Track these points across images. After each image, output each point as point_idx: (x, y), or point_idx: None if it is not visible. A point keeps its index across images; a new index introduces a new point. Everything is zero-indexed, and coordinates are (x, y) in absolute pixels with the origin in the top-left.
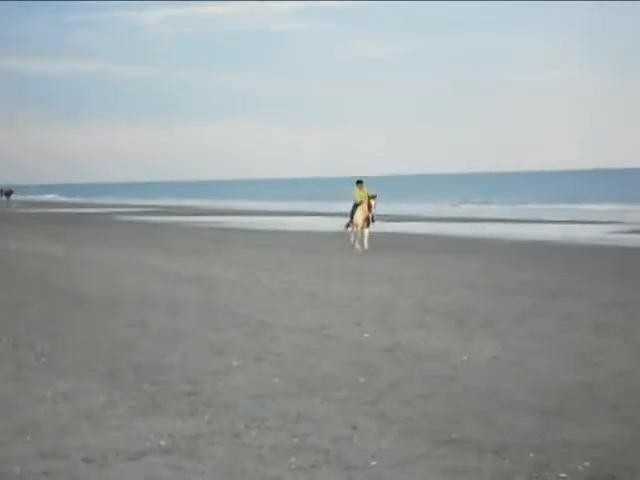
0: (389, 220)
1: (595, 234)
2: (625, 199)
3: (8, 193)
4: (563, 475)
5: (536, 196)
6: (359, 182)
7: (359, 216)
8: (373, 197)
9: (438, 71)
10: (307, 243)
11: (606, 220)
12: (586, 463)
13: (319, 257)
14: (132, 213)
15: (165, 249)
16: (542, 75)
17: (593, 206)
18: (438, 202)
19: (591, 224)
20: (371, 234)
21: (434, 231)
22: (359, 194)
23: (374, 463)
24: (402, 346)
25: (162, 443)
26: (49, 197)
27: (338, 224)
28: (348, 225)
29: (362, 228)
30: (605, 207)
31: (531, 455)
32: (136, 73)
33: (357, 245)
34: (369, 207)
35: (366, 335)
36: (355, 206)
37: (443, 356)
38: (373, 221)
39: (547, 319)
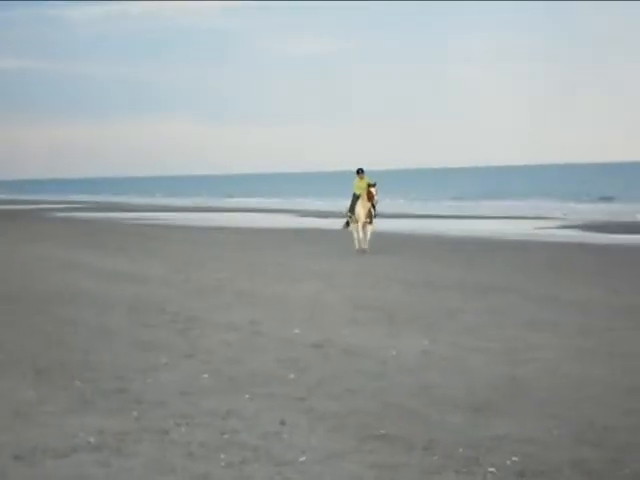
0: (318, 216)
1: (525, 230)
2: (560, 195)
3: None
4: (492, 470)
5: (467, 192)
6: (359, 171)
7: (360, 210)
8: (373, 185)
9: (380, 67)
10: (240, 240)
11: (537, 216)
12: (515, 458)
13: (252, 254)
14: (62, 209)
15: (95, 245)
16: (489, 71)
17: (524, 202)
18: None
19: (522, 219)
20: (373, 233)
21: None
22: (359, 185)
23: (303, 459)
24: (332, 342)
25: (91, 440)
26: None
27: (274, 220)
28: (348, 223)
29: (364, 224)
30: (538, 203)
31: (460, 450)
32: (61, 70)
33: (357, 245)
34: (369, 197)
35: (296, 331)
36: (355, 198)
37: (373, 352)
38: (375, 215)
39: (477, 315)
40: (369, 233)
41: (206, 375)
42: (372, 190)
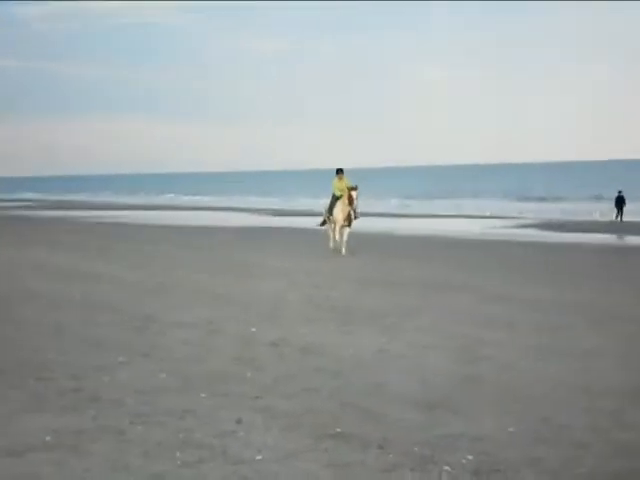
0: (279, 214)
1: (482, 229)
2: (519, 194)
3: None
4: (447, 468)
5: (425, 191)
6: (339, 171)
7: (338, 212)
8: (354, 189)
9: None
10: (197, 238)
11: (493, 215)
12: (470, 456)
13: (208, 252)
14: (11, 208)
15: (48, 244)
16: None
17: (481, 201)
18: (322, 196)
19: (479, 219)
20: (350, 235)
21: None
22: (338, 186)
23: (259, 457)
24: (289, 341)
25: (47, 439)
26: None
27: (231, 218)
28: (324, 222)
29: (342, 227)
30: (496, 202)
31: (415, 449)
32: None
33: (332, 244)
34: (350, 201)
35: (253, 330)
36: (335, 199)
37: (329, 350)
38: (356, 217)
39: (434, 313)
40: (345, 235)
41: (163, 374)
42: (353, 194)
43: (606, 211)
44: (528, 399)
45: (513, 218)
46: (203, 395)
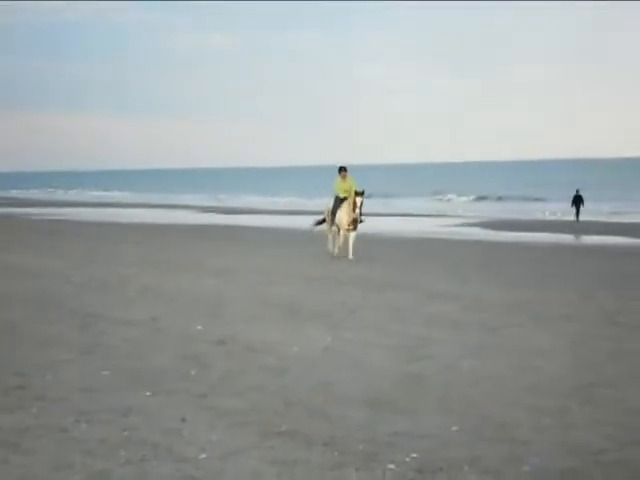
0: (220, 212)
1: (426, 227)
2: (466, 192)
3: None
4: (391, 466)
5: (372, 190)
6: (342, 169)
7: (343, 215)
8: (360, 194)
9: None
10: (143, 235)
11: (439, 213)
12: (414, 455)
13: (155, 249)
14: None
15: None
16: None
17: (428, 200)
18: (266, 195)
19: (424, 217)
20: (357, 240)
21: (263, 224)
22: (342, 186)
23: (203, 455)
24: (235, 338)
25: None
26: None
27: (176, 216)
28: (321, 222)
29: (347, 231)
30: (442, 201)
31: (360, 447)
32: None
33: (337, 250)
34: (354, 207)
35: (199, 327)
36: (338, 201)
37: (275, 348)
38: (361, 221)
39: (378, 311)
40: (352, 239)
41: (107, 372)
42: (358, 201)
43: (557, 210)
44: (471, 397)
45: (457, 217)
46: (148, 393)
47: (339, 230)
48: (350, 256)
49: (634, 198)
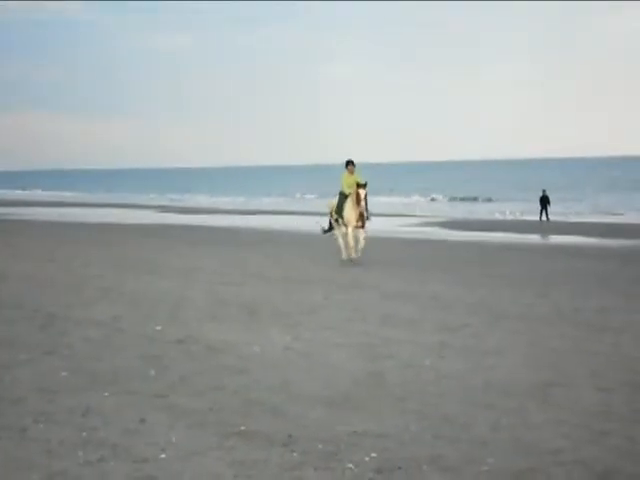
0: (178, 212)
1: (386, 227)
2: (428, 192)
3: None
4: (350, 466)
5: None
6: (349, 163)
7: (350, 211)
8: (362, 186)
9: (229, 63)
10: (102, 235)
11: (399, 213)
12: (373, 454)
13: (114, 250)
14: None
15: None
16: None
17: (389, 199)
18: (219, 195)
19: (384, 217)
20: (366, 238)
21: (224, 224)
22: (348, 181)
23: (163, 456)
24: (194, 338)
25: None
26: None
27: (136, 216)
28: (331, 227)
29: (356, 227)
30: (402, 200)
31: (319, 446)
32: None
33: (352, 253)
34: (358, 199)
35: (158, 328)
36: (343, 197)
37: (235, 348)
38: (368, 218)
39: (338, 311)
40: (362, 239)
41: (66, 372)
42: (361, 192)
43: (517, 210)
44: (430, 397)
45: (418, 216)
46: (106, 393)
47: (347, 228)
48: (356, 254)
49: (593, 198)
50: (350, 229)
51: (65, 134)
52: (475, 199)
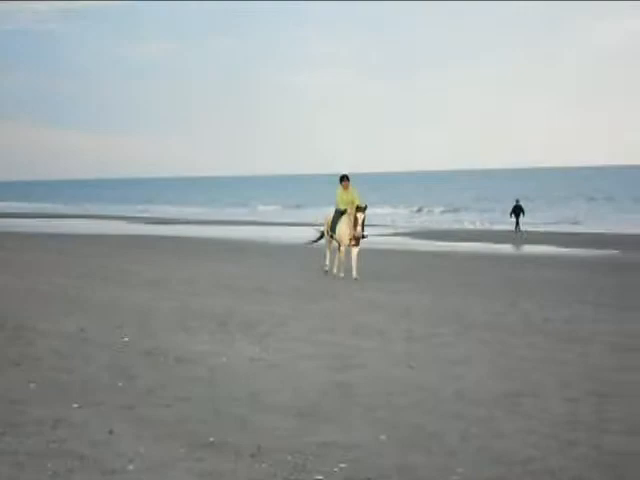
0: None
1: None
2: (397, 203)
3: None
4: (319, 477)
5: (300, 199)
6: (344, 178)
7: (344, 230)
8: (362, 210)
9: (196, 71)
10: (69, 246)
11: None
12: (342, 465)
13: (82, 260)
14: None
15: None
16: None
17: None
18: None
19: None
20: (360, 255)
21: (192, 234)
22: (343, 197)
23: (131, 467)
24: (162, 349)
25: None
26: None
27: (106, 226)
28: (320, 238)
29: (349, 246)
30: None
31: (288, 458)
32: None
33: (335, 270)
34: (356, 224)
35: (125, 339)
36: (338, 214)
37: (203, 359)
38: (364, 237)
39: (307, 321)
40: (355, 257)
41: (34, 384)
42: (359, 217)
43: (486, 220)
44: (400, 407)
45: (386, 226)
46: (75, 405)
47: (339, 246)
48: (354, 274)
49: (562, 208)
50: (342, 247)
51: (28, 144)
52: (448, 210)
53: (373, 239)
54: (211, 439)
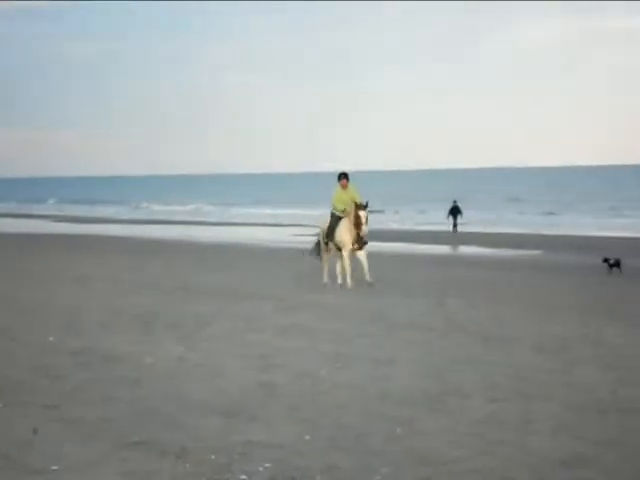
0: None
1: (281, 237)
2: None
3: None
4: (243, 477)
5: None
6: (342, 176)
7: (345, 233)
8: (363, 207)
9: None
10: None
11: (295, 223)
12: (267, 464)
13: (8, 258)
14: None
15: None
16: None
17: (287, 210)
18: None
19: (280, 227)
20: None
21: (117, 233)
22: (342, 198)
23: (55, 467)
24: (89, 349)
25: None
26: None
27: (31, 225)
28: (318, 250)
29: (353, 250)
30: (302, 210)
31: (212, 457)
32: None
33: (340, 280)
34: (358, 223)
35: (51, 339)
36: (335, 220)
37: (129, 359)
38: (365, 242)
39: (232, 321)
40: (365, 262)
41: None
42: (362, 215)
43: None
44: (324, 407)
45: (313, 226)
46: None
47: (341, 252)
48: (368, 278)
49: (500, 209)
50: (346, 252)
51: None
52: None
53: (299, 238)
54: (136, 438)
